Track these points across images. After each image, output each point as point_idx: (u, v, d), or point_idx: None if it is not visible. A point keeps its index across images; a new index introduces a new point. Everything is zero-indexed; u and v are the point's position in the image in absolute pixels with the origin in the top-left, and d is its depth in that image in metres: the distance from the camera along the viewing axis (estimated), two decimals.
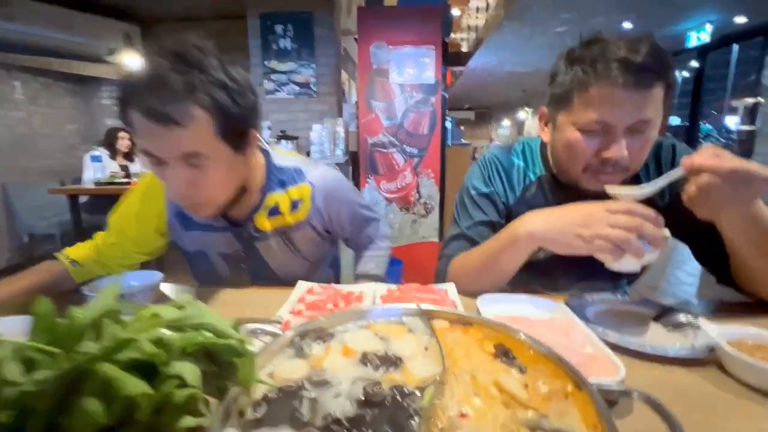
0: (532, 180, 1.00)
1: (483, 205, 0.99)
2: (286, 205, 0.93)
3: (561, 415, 0.37)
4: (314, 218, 0.97)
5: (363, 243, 1.14)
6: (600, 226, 0.66)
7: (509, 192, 1.00)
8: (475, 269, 0.87)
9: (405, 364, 0.48)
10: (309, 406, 0.41)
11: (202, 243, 0.97)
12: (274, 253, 0.97)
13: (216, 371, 0.39)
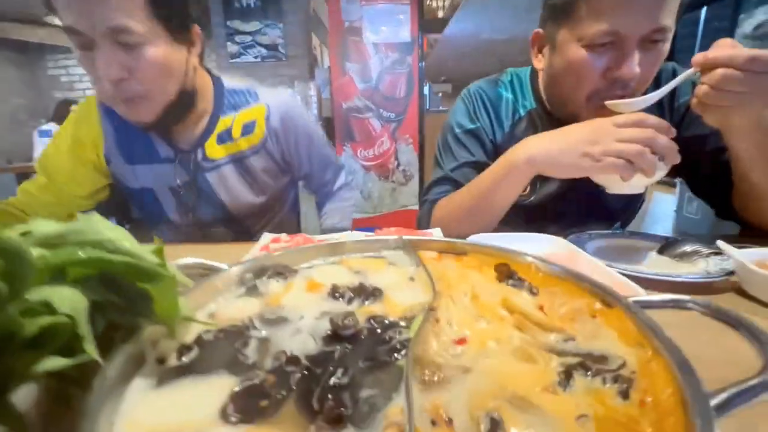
0: (522, 115, 0.90)
1: (468, 143, 0.89)
2: (239, 128, 0.85)
3: (590, 337, 0.28)
4: (270, 143, 0.89)
5: (325, 188, 1.03)
6: (609, 142, 0.59)
7: (497, 128, 0.90)
8: (462, 209, 0.78)
9: (386, 295, 0.38)
10: (257, 347, 0.30)
11: (147, 178, 0.86)
12: (226, 185, 0.87)
13: (120, 304, 0.28)
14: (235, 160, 0.87)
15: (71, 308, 0.23)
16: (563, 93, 0.79)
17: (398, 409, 0.22)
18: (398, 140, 3.04)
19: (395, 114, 2.99)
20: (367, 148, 3.03)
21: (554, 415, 0.21)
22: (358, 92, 2.93)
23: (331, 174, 1.03)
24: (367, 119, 2.98)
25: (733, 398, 0.20)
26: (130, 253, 0.27)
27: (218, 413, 0.23)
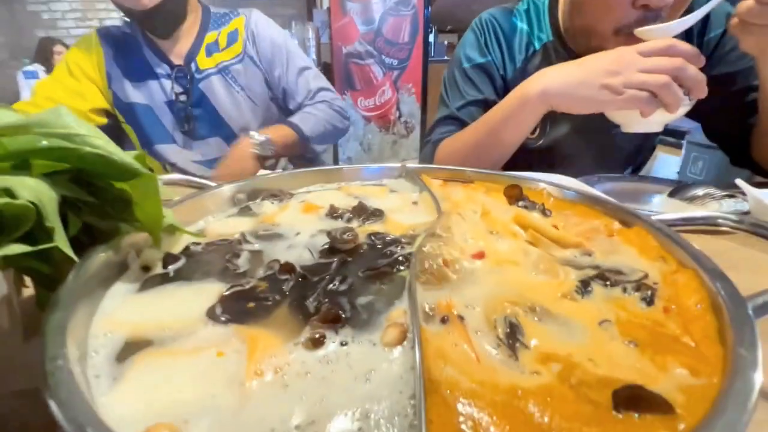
0: (537, 49, 0.83)
1: (477, 79, 0.83)
2: (224, 39, 0.93)
3: (608, 253, 0.26)
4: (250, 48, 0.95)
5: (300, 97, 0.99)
6: (632, 72, 0.52)
7: (508, 62, 0.83)
8: (468, 146, 0.73)
9: (387, 217, 0.35)
10: (248, 258, 0.28)
11: (145, 93, 0.91)
12: (219, 94, 0.93)
13: (96, 204, 0.25)
14: (223, 68, 0.93)
15: (35, 197, 0.20)
16: (588, 23, 0.72)
17: (401, 312, 0.20)
18: (400, 90, 2.90)
19: (398, 61, 2.83)
20: (367, 98, 2.90)
21: (576, 322, 0.19)
22: (359, 35, 2.75)
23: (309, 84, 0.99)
24: (369, 66, 2.82)
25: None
26: (101, 148, 0.24)
27: (205, 313, 0.21)
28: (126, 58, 0.89)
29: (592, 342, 0.18)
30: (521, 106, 0.64)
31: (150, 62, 0.89)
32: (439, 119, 0.86)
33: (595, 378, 0.15)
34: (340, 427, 0.14)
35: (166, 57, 0.90)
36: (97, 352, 0.18)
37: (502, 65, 0.84)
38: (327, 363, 0.17)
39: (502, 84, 0.84)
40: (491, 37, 0.84)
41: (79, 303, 0.20)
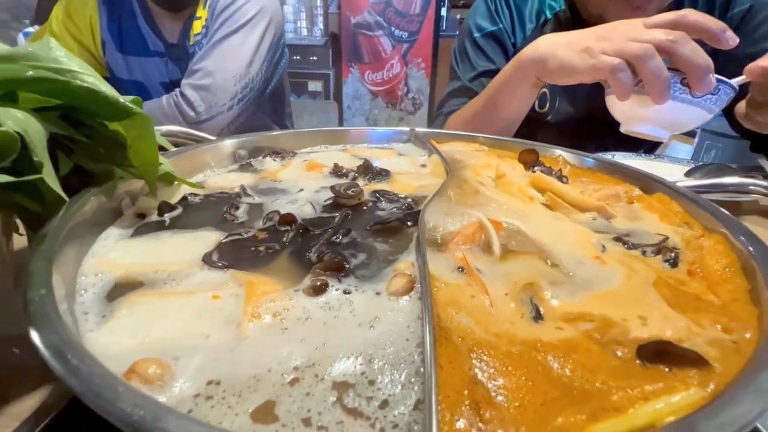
0: (548, 17, 0.79)
1: (488, 49, 0.80)
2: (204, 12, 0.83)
3: (629, 218, 0.25)
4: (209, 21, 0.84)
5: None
6: (619, 39, 0.43)
7: (518, 30, 0.80)
8: (471, 117, 0.71)
9: (394, 177, 0.34)
10: (248, 210, 0.27)
11: (139, 70, 0.84)
12: None
13: (87, 145, 0.24)
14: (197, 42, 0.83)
15: (21, 128, 0.19)
16: None
17: (408, 263, 0.19)
18: (409, 64, 2.82)
19: (408, 33, 2.74)
20: (375, 71, 2.83)
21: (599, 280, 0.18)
22: (368, 5, 2.66)
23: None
24: (377, 38, 2.73)
25: None
26: (92, 84, 0.23)
27: (201, 258, 0.20)
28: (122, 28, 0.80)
29: (617, 300, 0.17)
30: (516, 69, 0.61)
31: (145, 37, 0.80)
32: (450, 91, 0.84)
33: (622, 332, 0.14)
34: (341, 370, 0.13)
35: (161, 33, 0.81)
36: (86, 290, 0.17)
37: (512, 33, 0.81)
38: (329, 309, 0.16)
39: (512, 51, 0.81)
40: (502, 4, 0.81)
41: (67, 241, 0.19)
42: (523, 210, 0.24)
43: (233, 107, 0.79)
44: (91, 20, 0.80)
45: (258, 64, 0.82)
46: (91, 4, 0.80)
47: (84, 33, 0.81)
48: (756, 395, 0.10)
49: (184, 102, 0.76)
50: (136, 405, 0.09)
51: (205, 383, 0.12)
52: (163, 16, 0.80)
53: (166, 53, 0.82)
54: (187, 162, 0.32)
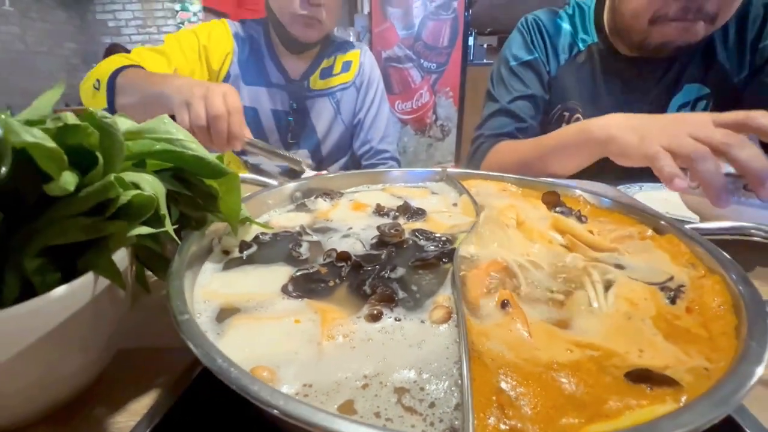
0: (581, 49, 0.83)
1: (524, 76, 0.84)
2: (339, 66, 1.02)
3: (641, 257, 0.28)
4: (358, 78, 1.04)
5: (365, 147, 1.07)
6: (680, 133, 0.43)
7: (552, 59, 0.84)
8: (519, 162, 0.71)
9: (430, 216, 0.38)
10: (309, 247, 0.32)
11: (257, 98, 0.98)
12: (320, 114, 1.02)
13: (190, 198, 0.30)
14: (330, 93, 1.02)
15: (153, 189, 0.26)
16: (628, 18, 0.72)
17: (446, 297, 0.24)
18: (438, 93, 2.92)
19: (436, 65, 2.85)
20: (405, 101, 2.94)
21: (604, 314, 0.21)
22: (398, 40, 2.80)
23: (382, 145, 1.08)
24: (407, 70, 2.86)
25: None
26: (197, 151, 0.30)
27: (280, 289, 0.25)
28: (249, 62, 0.96)
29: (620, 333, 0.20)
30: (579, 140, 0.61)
31: (268, 71, 0.96)
32: (490, 114, 0.88)
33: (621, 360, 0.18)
34: (399, 378, 0.17)
35: (285, 70, 0.97)
36: (201, 314, 0.23)
37: (547, 62, 0.85)
38: (385, 333, 0.21)
39: (547, 80, 0.85)
40: (537, 35, 0.86)
41: (184, 276, 0.25)
42: (543, 252, 0.28)
43: None
44: (227, 55, 0.95)
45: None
46: (229, 41, 0.95)
47: (216, 63, 0.94)
48: (711, 406, 0.13)
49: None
50: (274, 394, 0.14)
51: (301, 386, 0.17)
52: (287, 56, 0.97)
53: (286, 87, 0.97)
54: (256, 204, 0.39)
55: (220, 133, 0.60)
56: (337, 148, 1.06)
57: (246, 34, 0.97)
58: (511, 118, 0.82)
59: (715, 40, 0.77)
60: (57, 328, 0.21)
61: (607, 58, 0.81)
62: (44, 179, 0.21)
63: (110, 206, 0.23)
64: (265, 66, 0.96)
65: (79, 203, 0.22)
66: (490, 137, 0.82)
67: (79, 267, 0.23)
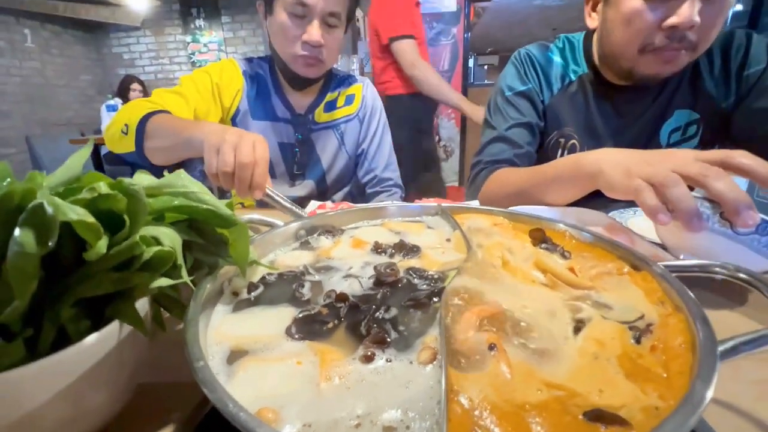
0: (573, 80, 0.87)
1: (519, 104, 0.88)
2: (342, 99, 1.07)
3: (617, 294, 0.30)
4: (361, 111, 1.09)
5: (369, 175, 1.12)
6: (661, 166, 0.45)
7: (546, 89, 0.88)
8: (516, 190, 0.74)
9: (424, 252, 0.41)
10: (311, 287, 0.35)
11: (264, 132, 1.01)
12: (324, 146, 1.07)
13: (204, 245, 0.34)
14: (334, 126, 1.07)
15: (172, 243, 0.29)
16: (615, 48, 0.76)
17: (433, 338, 0.26)
18: (440, 115, 2.99)
19: None
20: None
21: (572, 356, 0.24)
22: None
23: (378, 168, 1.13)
24: None
25: (740, 345, 0.22)
26: (210, 203, 0.33)
27: (284, 331, 0.28)
28: (257, 98, 1.01)
29: (585, 374, 0.22)
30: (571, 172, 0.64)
31: (274, 106, 1.02)
32: (488, 141, 0.91)
33: (583, 399, 0.20)
34: (387, 418, 0.20)
35: (290, 105, 1.03)
36: (213, 357, 0.26)
37: (540, 91, 0.89)
38: (377, 374, 0.23)
39: (542, 108, 0.89)
40: (529, 67, 0.90)
41: (199, 320, 0.27)
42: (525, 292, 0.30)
43: None
44: (237, 92, 1.01)
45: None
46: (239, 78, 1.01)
47: (227, 100, 1.00)
48: None
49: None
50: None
51: (302, 425, 0.20)
52: (292, 92, 1.03)
53: (291, 121, 1.03)
54: (263, 244, 0.42)
55: (244, 181, 0.63)
56: (341, 177, 1.11)
57: (253, 71, 1.02)
58: (509, 145, 0.85)
59: (702, 68, 0.80)
60: (88, 371, 0.24)
61: (597, 87, 0.84)
62: (81, 243, 0.24)
63: (135, 262, 0.26)
64: (271, 101, 1.02)
65: (109, 260, 0.25)
66: (488, 163, 0.86)
67: (107, 314, 0.26)
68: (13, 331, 0.24)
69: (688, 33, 0.65)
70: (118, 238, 0.26)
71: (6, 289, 0.23)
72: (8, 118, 4.17)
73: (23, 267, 0.21)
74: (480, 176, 0.86)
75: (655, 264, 0.31)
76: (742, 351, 0.22)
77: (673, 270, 0.30)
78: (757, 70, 0.78)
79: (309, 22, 0.87)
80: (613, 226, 0.60)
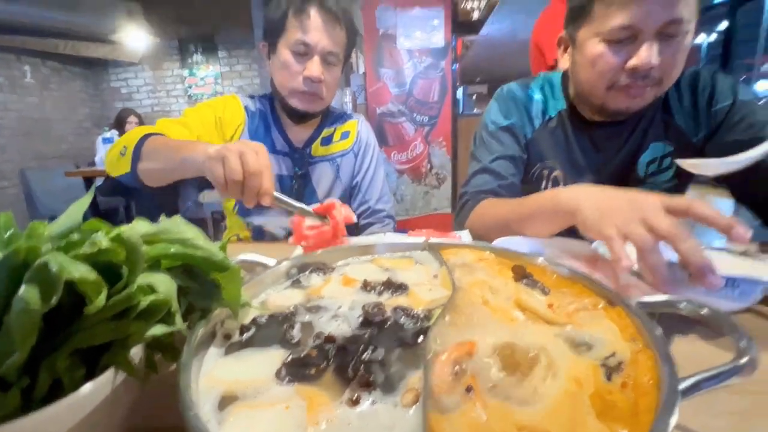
0: (552, 116, 0.92)
1: (503, 138, 0.93)
2: (338, 135, 1.13)
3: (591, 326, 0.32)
4: (356, 146, 1.14)
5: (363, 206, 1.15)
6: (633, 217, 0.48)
7: (527, 125, 0.94)
8: (499, 222, 0.78)
9: (411, 290, 0.43)
10: (301, 328, 0.36)
11: None
12: (320, 178, 1.10)
13: (197, 289, 0.35)
14: (331, 159, 1.12)
15: (167, 290, 0.30)
16: (585, 87, 0.82)
17: (416, 379, 0.27)
18: (431, 143, 3.07)
19: (428, 118, 3.02)
20: (400, 152, 3.09)
21: (547, 396, 0.25)
22: (392, 97, 3.00)
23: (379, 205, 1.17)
24: (401, 123, 3.03)
25: (701, 382, 0.23)
26: (205, 249, 0.35)
27: (274, 375, 0.29)
28: (257, 132, 1.06)
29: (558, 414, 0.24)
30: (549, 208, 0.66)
31: (274, 140, 1.07)
32: (473, 172, 0.96)
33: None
34: None
35: (289, 139, 1.08)
36: (205, 403, 0.27)
37: (522, 126, 0.94)
38: (362, 418, 0.24)
39: (524, 142, 0.94)
40: (511, 104, 0.95)
41: (192, 365, 0.28)
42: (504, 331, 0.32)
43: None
44: (239, 126, 1.06)
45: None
46: (241, 113, 1.06)
47: (229, 133, 1.05)
48: None
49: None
50: None
51: None
52: (291, 126, 1.08)
53: (290, 154, 1.08)
54: (254, 285, 0.43)
55: (253, 189, 0.64)
56: None
57: (255, 107, 1.08)
58: (493, 176, 0.89)
59: (672, 104, 0.85)
60: (83, 419, 0.25)
61: (576, 122, 0.89)
62: (79, 295, 0.25)
63: (131, 311, 0.27)
64: (271, 135, 1.07)
65: (107, 311, 0.26)
66: (474, 194, 0.89)
67: (102, 363, 0.27)
68: (9, 381, 0.25)
69: (650, 70, 0.70)
70: (116, 288, 0.27)
71: (6, 342, 0.24)
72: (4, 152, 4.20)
73: (26, 322, 0.22)
74: (466, 207, 0.89)
75: (628, 300, 0.33)
76: (704, 387, 0.23)
77: (644, 306, 0.32)
78: (724, 105, 0.83)
79: (310, 59, 0.93)
80: (595, 257, 0.62)
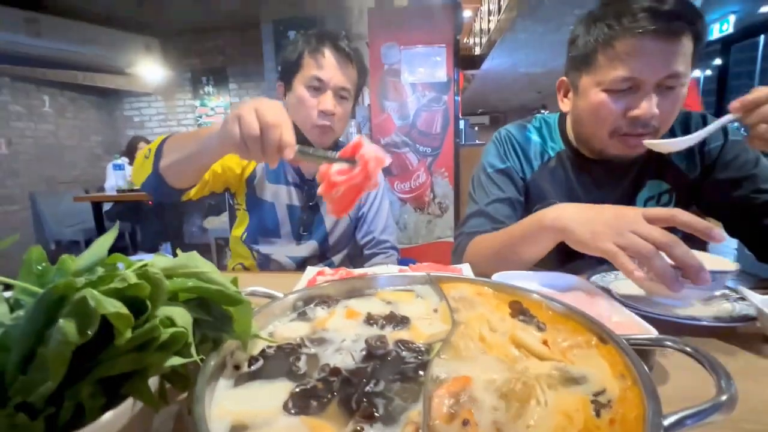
0: (551, 156, 0.96)
1: (500, 181, 0.96)
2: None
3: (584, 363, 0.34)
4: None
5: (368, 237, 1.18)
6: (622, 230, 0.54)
7: (526, 167, 0.96)
8: (493, 252, 0.82)
9: (413, 324, 0.44)
10: (307, 360, 0.38)
11: (276, 195, 1.11)
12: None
13: (211, 321, 0.37)
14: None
15: (184, 322, 0.32)
16: (587, 132, 0.85)
17: (417, 412, 0.29)
18: (434, 173, 3.13)
19: (431, 149, 3.10)
20: (403, 182, 3.14)
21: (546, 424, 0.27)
22: (395, 128, 3.09)
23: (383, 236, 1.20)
24: (404, 154, 3.11)
25: (684, 419, 0.25)
26: (219, 283, 0.37)
27: (282, 406, 0.31)
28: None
29: None
30: (538, 233, 0.70)
31: (286, 171, 1.11)
32: (469, 214, 0.98)
33: None
34: None
35: (301, 172, 1.12)
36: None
37: (521, 169, 0.97)
38: None
39: (522, 185, 0.96)
40: (509, 147, 0.99)
41: (205, 396, 0.30)
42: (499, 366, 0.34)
43: None
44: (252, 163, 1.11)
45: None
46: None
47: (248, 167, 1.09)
48: None
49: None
50: None
51: None
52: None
53: (301, 185, 1.12)
54: (263, 316, 0.45)
55: (273, 142, 0.62)
56: (342, 238, 1.18)
57: None
58: (488, 219, 0.92)
59: None
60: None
61: (575, 161, 0.93)
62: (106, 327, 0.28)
63: (153, 342, 0.29)
64: (284, 167, 1.12)
65: (131, 342, 0.28)
66: (468, 235, 0.91)
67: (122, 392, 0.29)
68: (37, 408, 0.27)
69: (649, 119, 0.74)
70: (139, 321, 0.29)
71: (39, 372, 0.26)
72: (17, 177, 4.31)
73: (62, 353, 0.24)
74: (460, 247, 0.92)
75: (618, 337, 0.35)
76: (686, 424, 0.25)
77: (633, 343, 0.34)
78: (716, 145, 0.87)
79: (323, 93, 0.99)
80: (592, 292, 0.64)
